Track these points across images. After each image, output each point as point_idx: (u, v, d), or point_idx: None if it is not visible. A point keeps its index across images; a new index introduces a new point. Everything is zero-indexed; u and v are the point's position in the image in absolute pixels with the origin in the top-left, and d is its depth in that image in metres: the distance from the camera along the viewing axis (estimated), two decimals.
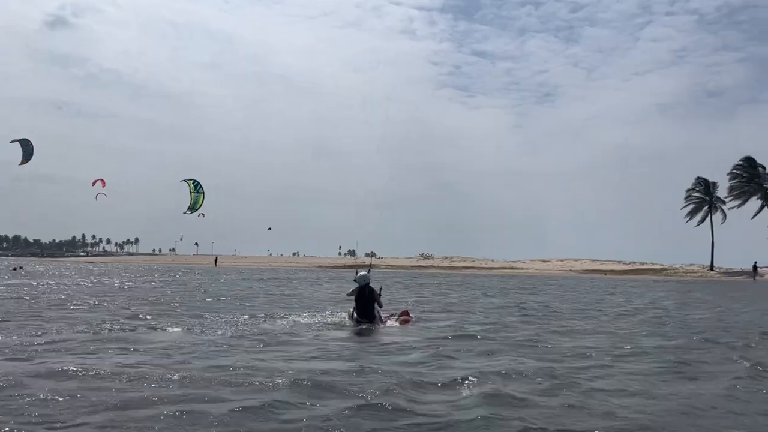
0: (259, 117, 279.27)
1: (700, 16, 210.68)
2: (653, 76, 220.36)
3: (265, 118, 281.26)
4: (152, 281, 31.04)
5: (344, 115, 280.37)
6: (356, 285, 12.56)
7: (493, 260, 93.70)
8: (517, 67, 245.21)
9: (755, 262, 58.00)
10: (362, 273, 12.76)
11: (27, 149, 27.50)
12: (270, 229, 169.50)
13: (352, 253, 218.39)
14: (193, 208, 26.47)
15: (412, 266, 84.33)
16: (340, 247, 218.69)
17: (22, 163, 28.04)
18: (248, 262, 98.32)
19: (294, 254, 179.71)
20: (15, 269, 46.46)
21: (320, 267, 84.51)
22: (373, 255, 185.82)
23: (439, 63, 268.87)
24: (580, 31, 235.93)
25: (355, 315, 12.43)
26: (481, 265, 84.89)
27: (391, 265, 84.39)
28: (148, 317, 12.93)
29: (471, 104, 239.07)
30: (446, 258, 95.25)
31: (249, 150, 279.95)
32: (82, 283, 27.94)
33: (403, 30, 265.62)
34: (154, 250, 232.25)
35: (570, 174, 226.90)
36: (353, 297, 12.56)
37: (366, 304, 12.36)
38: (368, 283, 12.54)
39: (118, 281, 29.96)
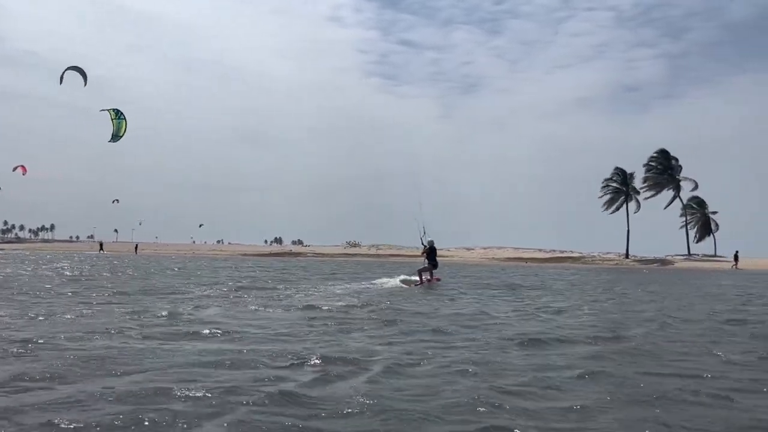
0: (185, 102, 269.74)
1: (618, 13, 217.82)
2: (574, 70, 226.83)
3: (191, 104, 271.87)
4: None
5: (273, 102, 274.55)
6: (428, 246, 21.27)
7: (418, 248, 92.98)
8: (442, 57, 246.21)
9: (736, 251, 59.01)
10: (431, 239, 21.42)
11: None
12: (201, 225, 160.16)
13: (278, 241, 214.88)
14: (116, 136, 23.81)
15: (338, 254, 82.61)
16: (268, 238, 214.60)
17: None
18: (170, 250, 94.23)
19: (218, 242, 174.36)
20: None
21: (244, 255, 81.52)
22: (300, 243, 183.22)
23: (367, 51, 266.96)
24: (504, 24, 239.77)
25: (426, 259, 21.44)
26: (407, 253, 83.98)
27: (318, 253, 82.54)
28: None
29: (398, 93, 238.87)
30: (373, 246, 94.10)
31: (173, 136, 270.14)
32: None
33: (331, 17, 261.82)
34: (71, 237, 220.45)
35: (495, 164, 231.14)
36: (428, 250, 21.28)
37: (433, 254, 21.43)
38: (434, 244, 21.39)
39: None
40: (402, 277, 22.06)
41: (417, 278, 21.40)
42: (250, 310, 11.74)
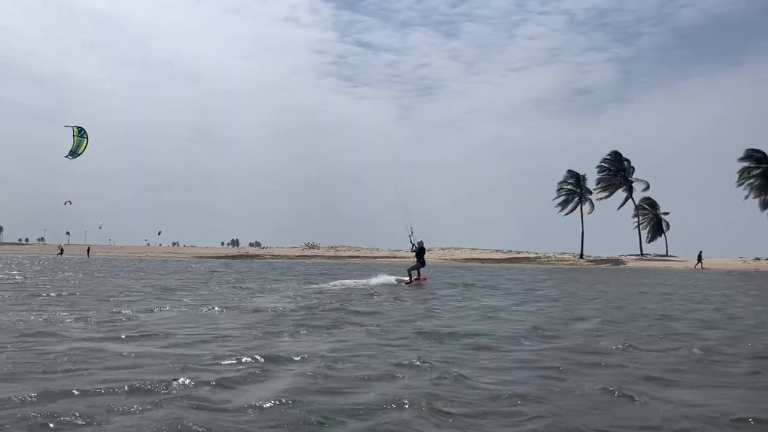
0: (140, 102, 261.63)
1: (571, 17, 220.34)
2: (529, 73, 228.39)
3: (146, 104, 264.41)
4: None
5: (230, 103, 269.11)
6: (418, 245, 22.41)
7: (378, 249, 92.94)
8: (399, 59, 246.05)
9: (700, 251, 60.25)
10: (420, 240, 22.66)
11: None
12: (160, 233, 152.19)
13: (235, 243, 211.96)
14: (75, 153, 23.02)
15: (296, 255, 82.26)
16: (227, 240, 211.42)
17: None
18: (123, 253, 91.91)
19: (174, 244, 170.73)
20: None
21: (199, 257, 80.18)
22: (257, 245, 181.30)
23: (324, 52, 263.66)
24: (460, 27, 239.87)
25: (415, 258, 22.60)
26: (366, 254, 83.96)
27: (276, 255, 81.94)
28: None
29: (356, 94, 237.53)
30: (332, 247, 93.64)
31: (129, 137, 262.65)
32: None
33: (287, 17, 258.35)
34: (20, 240, 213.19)
35: (452, 166, 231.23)
36: (417, 249, 22.41)
37: (422, 253, 22.58)
38: (423, 245, 22.65)
39: None
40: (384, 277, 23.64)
41: (407, 277, 22.77)
42: (188, 311, 11.40)
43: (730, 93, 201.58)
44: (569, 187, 78.09)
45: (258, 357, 6.59)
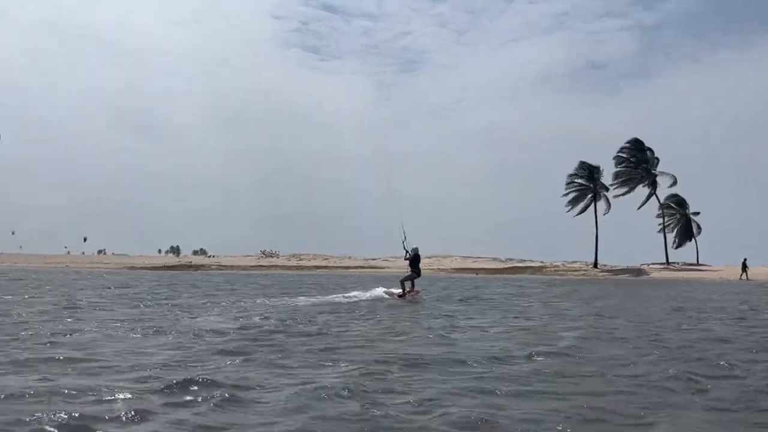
0: (56, 81, 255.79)
1: None
2: (530, 44, 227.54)
3: (63, 83, 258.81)
4: None
5: (165, 82, 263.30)
6: (412, 252, 23.42)
7: (350, 257, 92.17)
8: (375, 27, 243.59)
9: (744, 259, 59.21)
10: (415, 246, 23.75)
11: None
12: (86, 239, 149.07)
13: (176, 251, 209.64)
14: None
15: (251, 266, 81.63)
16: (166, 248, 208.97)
17: None
18: (37, 263, 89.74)
19: (100, 252, 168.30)
20: None
21: (131, 268, 78.76)
22: (203, 253, 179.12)
23: (283, 17, 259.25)
24: None
25: (410, 269, 23.60)
26: (335, 264, 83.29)
27: (225, 265, 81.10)
28: None
29: (324, 69, 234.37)
30: (294, 255, 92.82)
31: (40, 124, 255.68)
32: None
33: None
34: None
35: (439, 155, 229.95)
36: (411, 257, 23.45)
37: (417, 262, 23.60)
38: (418, 252, 23.65)
39: None
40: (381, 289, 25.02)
41: (398, 289, 23.79)
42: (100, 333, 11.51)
43: None
44: (581, 181, 78.26)
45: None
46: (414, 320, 15.04)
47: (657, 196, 78.51)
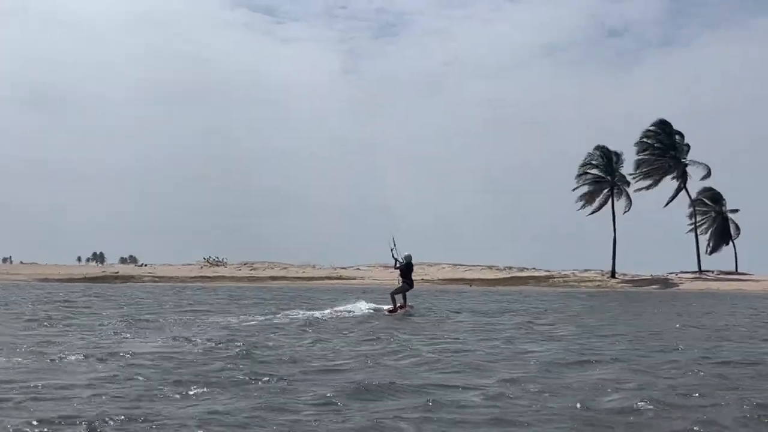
0: None
1: None
2: (534, 5, 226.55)
3: None
4: None
5: (78, 48, 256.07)
6: (405, 261, 25.13)
7: (314, 266, 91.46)
8: None
9: None
10: (408, 254, 25.36)
11: None
12: None
13: (99, 258, 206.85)
14: None
15: (191, 277, 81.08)
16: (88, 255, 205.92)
17: None
18: None
19: (5, 260, 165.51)
20: None
21: (44, 280, 78.17)
22: (133, 261, 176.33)
23: None
24: None
25: (401, 280, 25.19)
26: (296, 274, 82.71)
27: (161, 276, 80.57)
28: None
29: (279, 34, 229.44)
30: (245, 264, 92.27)
31: None
32: None
33: None
34: None
35: (422, 143, 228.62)
36: (403, 267, 25.14)
37: (409, 271, 25.27)
38: (411, 261, 25.40)
39: None
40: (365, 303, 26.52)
41: (388, 305, 25.38)
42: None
43: None
44: (596, 171, 77.33)
45: None
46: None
47: (687, 190, 77.95)
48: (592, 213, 77.12)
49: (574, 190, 77.97)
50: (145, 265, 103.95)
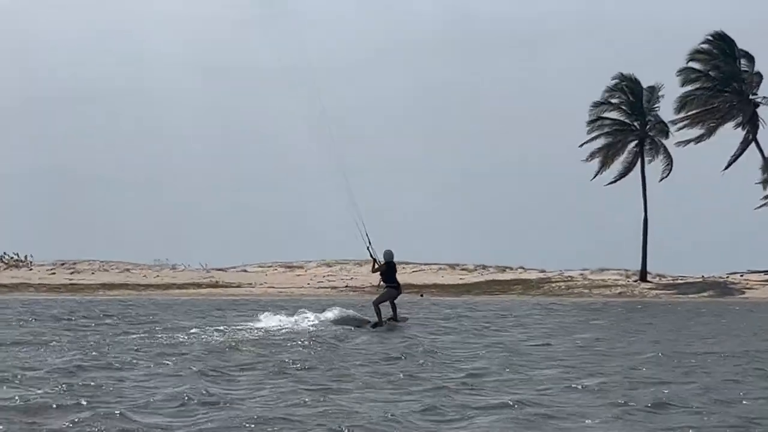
0: None
1: None
2: None
3: None
4: None
5: None
6: (385, 259, 25.91)
7: (174, 267, 78.29)
8: None
9: None
10: (388, 250, 26.06)
11: None
12: None
13: None
14: None
15: (53, 285, 68.01)
16: None
17: None
18: None
19: None
20: None
21: None
22: None
23: None
24: None
25: (382, 282, 26.38)
26: (145, 281, 70.00)
27: None
28: None
29: None
30: (62, 264, 76.15)
31: None
32: None
33: None
34: None
35: (365, 98, 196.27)
36: (383, 268, 25.98)
37: (392, 273, 25.99)
38: (393, 259, 26.21)
39: None
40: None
41: (373, 317, 26.46)
42: None
43: None
44: (618, 115, 61.14)
45: None
46: None
47: (759, 145, 60.35)
48: (613, 182, 61.97)
49: (582, 145, 61.32)
50: None
